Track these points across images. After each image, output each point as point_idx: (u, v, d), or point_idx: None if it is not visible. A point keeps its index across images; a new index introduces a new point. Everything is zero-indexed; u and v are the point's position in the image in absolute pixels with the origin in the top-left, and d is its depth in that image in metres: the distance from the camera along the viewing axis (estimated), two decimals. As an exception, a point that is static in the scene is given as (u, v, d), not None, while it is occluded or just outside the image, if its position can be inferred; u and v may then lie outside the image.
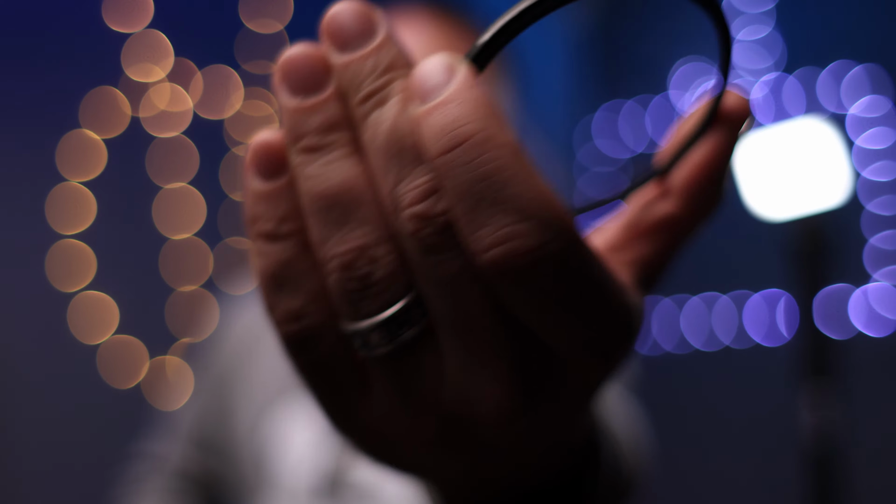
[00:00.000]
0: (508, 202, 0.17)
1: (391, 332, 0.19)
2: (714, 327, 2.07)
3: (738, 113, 0.22)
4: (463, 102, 0.17)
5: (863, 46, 1.91)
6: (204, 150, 1.53)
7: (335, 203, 0.19)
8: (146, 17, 1.48)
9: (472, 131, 0.17)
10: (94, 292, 1.39)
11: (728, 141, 0.22)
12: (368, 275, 0.19)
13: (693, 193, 0.22)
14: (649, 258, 0.23)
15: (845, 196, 1.35)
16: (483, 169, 0.17)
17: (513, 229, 0.17)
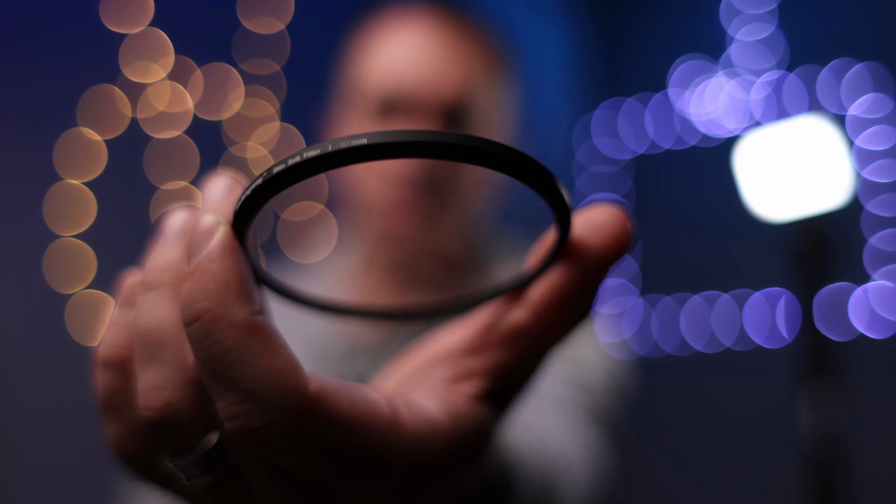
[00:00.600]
0: (234, 382, 0.17)
1: (203, 467, 0.20)
2: (715, 328, 2.07)
3: (591, 251, 0.21)
4: (203, 276, 0.18)
5: (864, 44, 1.90)
6: (204, 150, 1.53)
7: (146, 342, 0.20)
8: (146, 15, 1.48)
9: (204, 309, 0.17)
10: (93, 292, 1.39)
11: (573, 278, 0.21)
12: (165, 416, 0.20)
13: (545, 310, 0.21)
14: (503, 367, 0.22)
15: (846, 197, 1.35)
16: (211, 350, 0.17)
17: (238, 408, 0.17)
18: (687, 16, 2.23)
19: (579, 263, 0.21)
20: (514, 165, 0.18)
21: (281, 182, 0.18)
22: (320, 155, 0.17)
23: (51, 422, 1.34)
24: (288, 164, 0.17)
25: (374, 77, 0.65)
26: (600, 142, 2.31)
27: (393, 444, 0.19)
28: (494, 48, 0.69)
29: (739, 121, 2.08)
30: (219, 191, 0.21)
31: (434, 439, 0.20)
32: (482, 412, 0.21)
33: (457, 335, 0.23)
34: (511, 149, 0.18)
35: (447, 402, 0.21)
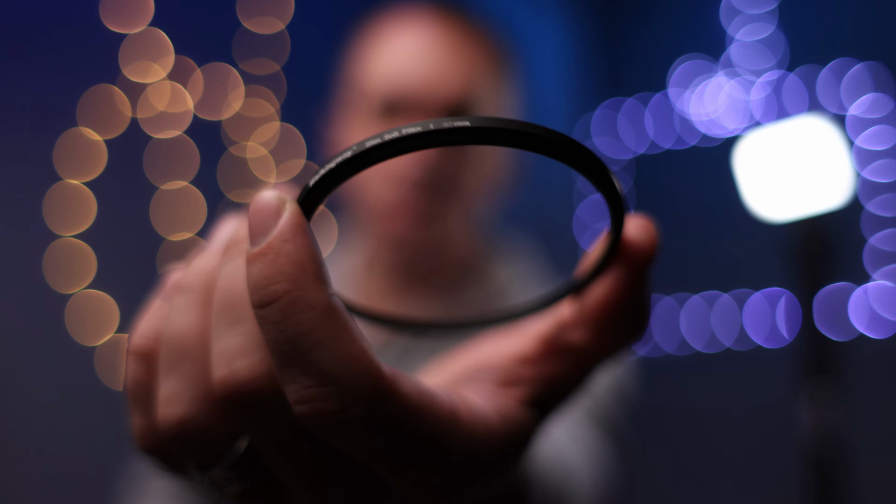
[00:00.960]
0: (311, 365, 0.17)
1: (231, 478, 0.20)
2: (715, 328, 2.07)
3: (638, 251, 0.21)
4: (278, 257, 0.17)
5: (864, 44, 1.90)
6: (203, 150, 1.53)
7: (169, 349, 0.20)
8: (146, 15, 1.48)
9: (281, 292, 0.17)
10: (93, 292, 1.39)
11: (626, 280, 0.21)
12: (182, 431, 0.19)
13: (600, 328, 0.22)
14: (553, 378, 0.22)
15: (846, 197, 1.35)
16: (289, 332, 0.17)
17: (315, 391, 0.17)
18: (687, 16, 2.22)
19: (628, 265, 0.21)
20: (577, 157, 0.18)
21: (371, 157, 0.17)
22: (421, 132, 0.17)
23: (51, 422, 1.34)
24: (384, 138, 0.17)
25: (376, 77, 0.65)
26: (600, 142, 2.31)
27: (452, 436, 0.19)
28: (496, 48, 0.69)
29: (739, 121, 2.08)
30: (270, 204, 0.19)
31: (487, 436, 0.20)
32: (528, 416, 0.22)
33: (509, 342, 0.23)
34: (573, 141, 0.18)
35: (497, 403, 0.21)
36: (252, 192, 1.58)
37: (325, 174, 0.18)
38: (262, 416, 0.18)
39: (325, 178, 0.18)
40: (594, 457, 0.53)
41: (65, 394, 1.36)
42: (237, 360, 0.18)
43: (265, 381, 0.18)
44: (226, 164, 1.56)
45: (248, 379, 0.18)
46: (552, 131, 0.17)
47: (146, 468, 0.72)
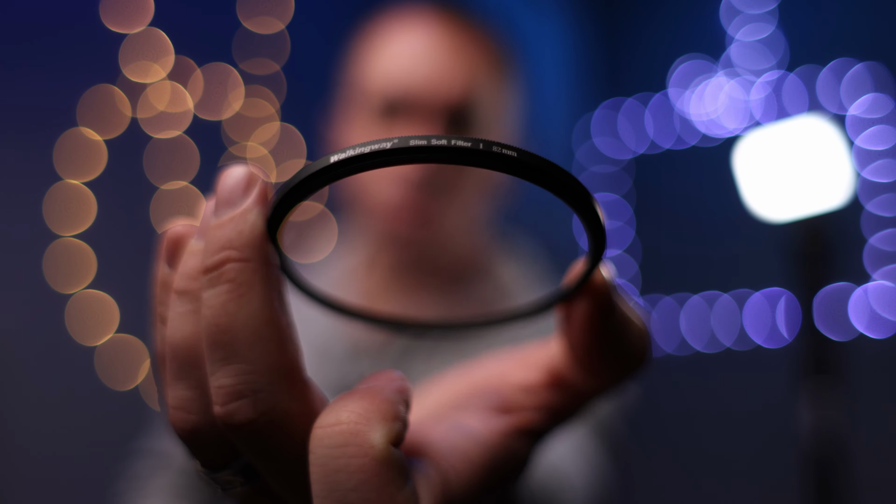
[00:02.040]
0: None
1: (235, 482, 0.20)
2: (715, 328, 2.07)
3: (597, 288, 0.21)
4: (368, 393, 0.18)
5: (864, 44, 1.90)
6: (204, 150, 1.53)
7: (175, 357, 0.19)
8: (146, 15, 1.48)
9: (352, 420, 0.17)
10: (93, 292, 1.39)
11: (592, 318, 0.21)
12: (191, 438, 0.19)
13: (588, 366, 0.22)
14: (553, 409, 0.23)
15: (847, 197, 1.35)
16: (340, 476, 0.17)
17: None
18: (687, 16, 2.22)
19: (591, 298, 0.21)
20: (555, 182, 0.18)
21: (348, 168, 0.17)
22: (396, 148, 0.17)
23: (51, 422, 1.34)
24: (357, 151, 0.17)
25: (377, 78, 0.65)
26: (600, 141, 2.31)
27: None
28: (497, 49, 0.69)
29: (739, 121, 2.08)
30: (237, 180, 0.19)
31: (470, 475, 0.20)
32: (524, 443, 0.22)
33: (511, 367, 0.24)
34: (554, 165, 0.18)
35: (494, 430, 0.21)
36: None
37: (349, 157, 0.17)
38: (259, 449, 0.18)
39: (346, 161, 0.17)
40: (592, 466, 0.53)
41: (65, 394, 1.36)
42: (232, 403, 0.18)
43: (261, 423, 0.18)
44: (226, 164, 1.56)
45: (243, 422, 0.18)
46: (538, 157, 0.17)
47: (146, 468, 0.72)
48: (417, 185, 0.62)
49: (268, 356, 0.18)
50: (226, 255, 0.18)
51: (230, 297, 0.18)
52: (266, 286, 0.18)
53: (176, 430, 0.19)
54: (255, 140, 1.59)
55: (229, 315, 0.18)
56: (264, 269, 0.18)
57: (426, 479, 0.19)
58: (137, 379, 1.41)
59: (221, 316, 0.18)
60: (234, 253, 0.18)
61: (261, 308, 0.18)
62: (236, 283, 0.18)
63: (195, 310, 0.19)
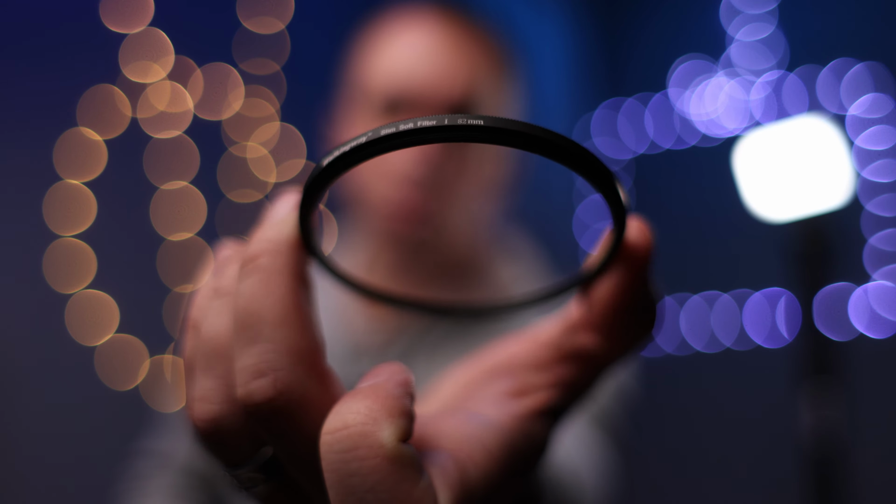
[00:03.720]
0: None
1: (256, 479, 0.20)
2: (715, 328, 2.07)
3: (637, 253, 0.21)
4: (371, 391, 0.18)
5: (864, 44, 1.90)
6: (204, 150, 1.53)
7: (205, 349, 0.20)
8: (145, 15, 1.48)
9: (359, 422, 0.17)
10: (93, 292, 1.39)
11: (627, 281, 0.21)
12: (213, 430, 0.20)
13: (608, 330, 0.22)
14: (567, 384, 0.22)
15: (847, 197, 1.35)
16: (353, 466, 0.17)
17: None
18: (687, 16, 2.23)
19: (628, 266, 0.21)
20: (580, 162, 0.18)
21: (384, 145, 0.18)
22: (435, 126, 0.17)
23: (51, 421, 1.34)
24: (399, 128, 0.18)
25: (379, 76, 0.65)
26: (600, 142, 2.31)
27: None
28: (499, 48, 0.69)
29: (739, 121, 2.08)
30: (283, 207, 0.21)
31: (488, 464, 0.20)
32: (543, 425, 0.22)
33: (520, 349, 0.24)
34: (578, 146, 0.18)
35: (512, 415, 0.21)
36: (252, 193, 1.58)
37: (338, 156, 0.18)
38: (279, 431, 0.19)
39: (339, 160, 0.18)
40: (597, 460, 0.53)
41: (65, 394, 1.36)
42: (253, 381, 0.18)
43: (280, 402, 0.18)
44: (226, 164, 1.56)
45: (263, 400, 0.18)
46: (561, 136, 0.18)
47: (146, 468, 0.72)
48: (418, 183, 0.62)
49: (289, 338, 0.19)
50: (260, 247, 0.20)
51: (260, 283, 0.19)
52: (292, 276, 0.20)
53: (198, 424, 0.20)
54: (254, 140, 1.59)
55: (257, 300, 0.19)
56: (292, 260, 0.20)
57: (443, 470, 0.19)
58: (137, 379, 1.42)
59: (251, 301, 0.19)
60: (268, 245, 0.20)
61: (286, 294, 0.19)
62: (266, 272, 0.19)
63: (229, 305, 0.21)
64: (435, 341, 0.66)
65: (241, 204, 1.56)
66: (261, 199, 1.59)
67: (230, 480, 0.21)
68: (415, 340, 0.66)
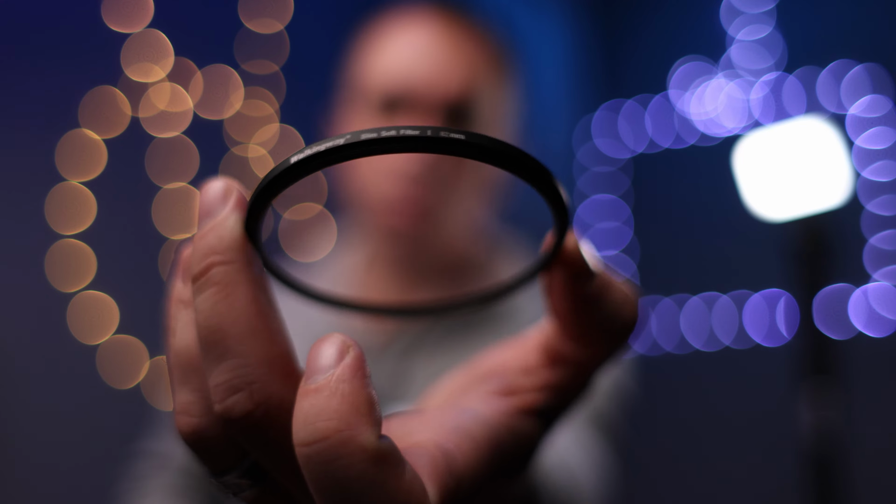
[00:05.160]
0: None
1: (242, 485, 0.20)
2: (714, 327, 2.07)
3: (568, 257, 0.21)
4: (332, 396, 0.17)
5: (863, 46, 1.91)
6: (204, 150, 1.53)
7: (178, 362, 0.20)
8: (146, 16, 1.48)
9: (332, 430, 0.16)
10: (93, 292, 1.39)
11: (568, 288, 0.21)
12: (195, 441, 0.20)
13: (579, 336, 0.22)
14: (556, 387, 0.23)
15: (845, 196, 1.35)
16: (338, 474, 0.16)
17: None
18: (686, 18, 2.23)
19: (564, 273, 0.21)
20: (516, 163, 0.18)
21: (353, 151, 0.18)
22: (342, 145, 0.17)
23: (52, 421, 1.34)
24: (314, 150, 0.18)
25: (377, 74, 0.65)
26: (599, 142, 2.32)
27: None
28: (497, 48, 0.69)
29: (738, 120, 2.08)
30: (215, 193, 0.20)
31: (477, 457, 0.20)
32: (532, 425, 0.22)
33: (509, 354, 0.24)
34: (514, 147, 0.18)
35: (500, 412, 0.21)
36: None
37: (311, 155, 0.18)
38: (261, 441, 0.19)
39: (310, 159, 0.18)
40: (596, 461, 0.53)
41: (66, 393, 1.36)
42: (229, 397, 0.18)
43: (258, 414, 0.18)
44: (226, 164, 1.57)
45: (241, 414, 0.18)
46: (500, 142, 0.18)
47: (145, 469, 0.72)
48: (415, 179, 0.63)
49: (259, 349, 0.18)
50: (210, 260, 0.19)
51: (217, 298, 0.18)
52: (250, 284, 0.19)
53: (181, 435, 0.20)
54: (254, 141, 1.60)
55: (219, 315, 0.18)
56: (247, 268, 0.19)
57: (430, 460, 0.19)
58: (138, 377, 1.42)
59: (211, 317, 0.18)
60: (218, 257, 0.19)
61: (247, 304, 0.18)
62: (222, 285, 0.18)
63: (193, 318, 0.20)
64: (435, 341, 0.66)
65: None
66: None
67: (218, 486, 0.21)
68: (414, 340, 0.66)
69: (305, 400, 0.17)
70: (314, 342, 0.18)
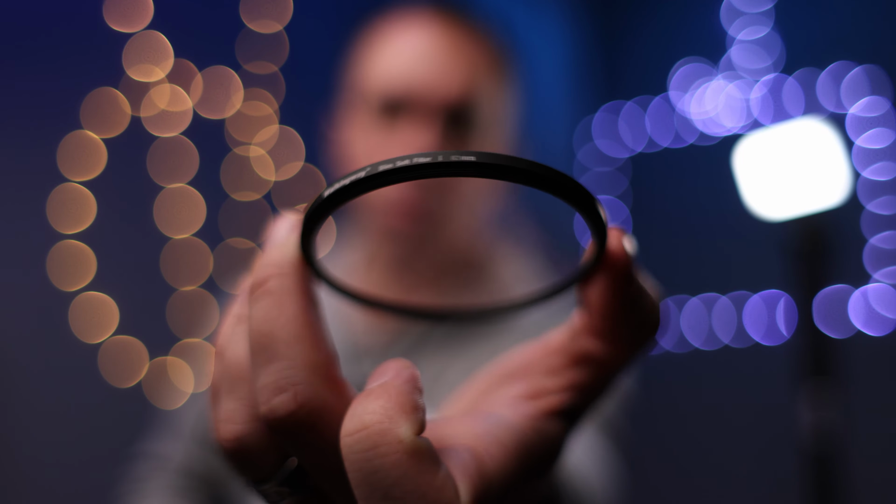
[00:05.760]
0: (394, 499, 0.18)
1: (283, 492, 0.21)
2: (714, 327, 2.08)
3: (616, 259, 0.22)
4: (382, 394, 0.19)
5: (861, 47, 1.91)
6: (204, 150, 1.53)
7: (227, 374, 0.22)
8: (146, 17, 1.48)
9: (373, 421, 0.18)
10: (93, 293, 1.40)
11: (612, 286, 0.22)
12: (237, 448, 0.21)
13: (608, 335, 0.23)
14: (579, 387, 0.23)
15: (844, 196, 1.35)
16: (373, 463, 0.18)
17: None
18: (686, 19, 2.23)
19: (611, 272, 0.22)
20: (560, 188, 0.19)
21: (381, 180, 0.19)
22: (429, 163, 0.19)
23: (53, 420, 1.34)
24: (396, 164, 0.19)
25: (378, 78, 0.65)
26: (599, 143, 2.32)
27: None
28: (497, 50, 0.69)
29: (737, 119, 2.09)
30: (284, 228, 0.22)
31: (507, 461, 0.21)
32: (557, 426, 0.23)
33: (532, 356, 0.24)
34: (558, 172, 0.19)
35: (526, 415, 0.22)
36: (251, 194, 1.59)
37: (338, 189, 0.20)
38: (303, 442, 0.20)
39: (338, 193, 0.20)
40: (604, 466, 0.53)
41: (67, 393, 1.36)
42: (275, 397, 0.19)
43: (301, 414, 0.19)
44: (226, 164, 1.57)
45: (285, 414, 0.19)
46: (547, 167, 0.19)
47: (145, 470, 0.72)
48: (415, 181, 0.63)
49: (304, 353, 0.20)
50: (268, 272, 0.21)
51: (271, 305, 0.20)
52: (301, 295, 0.21)
53: (223, 443, 0.21)
54: (254, 141, 1.60)
55: (270, 321, 0.20)
56: (299, 281, 0.21)
57: (461, 462, 0.20)
58: (139, 376, 1.42)
59: (264, 322, 0.20)
60: (275, 269, 0.21)
61: (297, 313, 0.20)
62: (276, 295, 0.21)
63: (246, 331, 0.22)
64: (437, 342, 0.66)
65: (242, 203, 1.57)
66: (258, 200, 1.59)
67: (259, 496, 0.22)
68: (416, 341, 0.67)
69: (359, 400, 0.19)
70: (381, 363, 0.20)
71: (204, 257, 1.50)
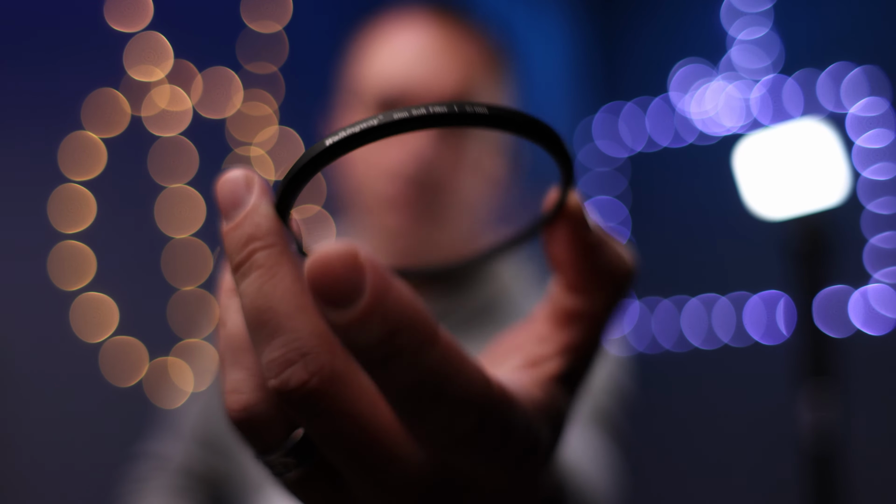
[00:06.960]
0: (447, 398, 0.18)
1: (289, 463, 0.21)
2: (714, 327, 2.08)
3: (571, 210, 0.23)
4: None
5: (861, 47, 1.91)
6: (204, 150, 1.53)
7: (229, 345, 0.21)
8: (146, 17, 1.48)
9: (405, 342, 0.17)
10: (94, 293, 1.40)
11: (571, 235, 0.23)
12: (245, 417, 0.21)
13: (583, 287, 0.23)
14: (573, 347, 0.23)
15: (843, 195, 1.36)
16: (424, 365, 0.18)
17: (451, 421, 0.19)
18: (685, 19, 2.23)
19: (568, 219, 0.23)
20: (525, 126, 0.20)
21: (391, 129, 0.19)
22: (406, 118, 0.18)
23: (53, 420, 1.34)
24: (349, 132, 0.18)
25: (374, 76, 0.65)
26: (600, 144, 2.32)
27: (527, 422, 0.20)
28: (494, 50, 0.69)
29: (736, 119, 2.09)
30: (236, 182, 0.21)
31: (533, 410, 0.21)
32: (560, 391, 0.23)
33: (520, 332, 0.25)
34: (523, 113, 0.20)
35: (530, 381, 0.22)
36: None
37: (346, 137, 0.19)
38: (315, 412, 0.19)
39: (347, 140, 0.19)
40: (606, 465, 0.53)
41: (68, 393, 1.36)
42: (285, 371, 0.19)
43: (314, 383, 0.19)
44: (226, 164, 1.57)
45: (298, 384, 0.19)
46: (506, 108, 0.19)
47: (145, 470, 0.73)
48: (411, 180, 0.63)
49: (308, 323, 0.19)
50: (252, 247, 0.20)
51: (263, 279, 0.19)
52: (292, 264, 0.20)
53: (231, 413, 0.21)
54: (253, 141, 1.60)
55: (265, 295, 0.19)
56: (287, 249, 0.20)
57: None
58: (139, 376, 1.42)
59: (258, 298, 0.19)
60: (258, 243, 0.20)
61: (293, 282, 0.19)
62: (266, 267, 0.20)
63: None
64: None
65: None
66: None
67: (264, 466, 0.22)
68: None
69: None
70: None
71: (204, 257, 1.50)
